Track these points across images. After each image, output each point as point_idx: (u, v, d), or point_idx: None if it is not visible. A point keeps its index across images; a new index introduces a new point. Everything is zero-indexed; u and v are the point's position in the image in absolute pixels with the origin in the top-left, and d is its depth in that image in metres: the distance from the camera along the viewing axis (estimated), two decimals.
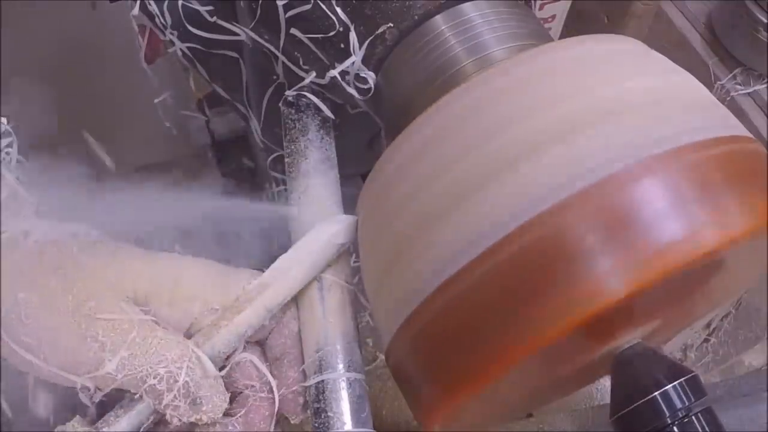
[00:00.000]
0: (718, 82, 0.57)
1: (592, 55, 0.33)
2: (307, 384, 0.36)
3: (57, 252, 0.34)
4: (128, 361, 0.32)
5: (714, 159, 0.29)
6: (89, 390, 0.34)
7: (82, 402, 0.34)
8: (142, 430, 0.34)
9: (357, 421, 0.35)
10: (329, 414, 0.35)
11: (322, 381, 0.36)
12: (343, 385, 0.36)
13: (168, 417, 0.33)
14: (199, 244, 0.39)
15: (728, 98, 0.57)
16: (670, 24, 0.62)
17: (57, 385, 0.35)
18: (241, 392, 0.37)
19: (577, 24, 0.61)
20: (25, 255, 0.33)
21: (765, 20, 0.54)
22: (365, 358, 0.39)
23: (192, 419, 0.33)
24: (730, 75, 0.57)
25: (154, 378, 0.32)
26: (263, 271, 0.37)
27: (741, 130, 0.33)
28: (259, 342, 0.38)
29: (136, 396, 0.34)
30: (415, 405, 0.34)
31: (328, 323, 0.37)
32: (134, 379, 0.32)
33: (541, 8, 0.56)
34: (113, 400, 0.35)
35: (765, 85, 0.56)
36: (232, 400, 0.37)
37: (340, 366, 0.36)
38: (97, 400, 0.34)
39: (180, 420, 0.33)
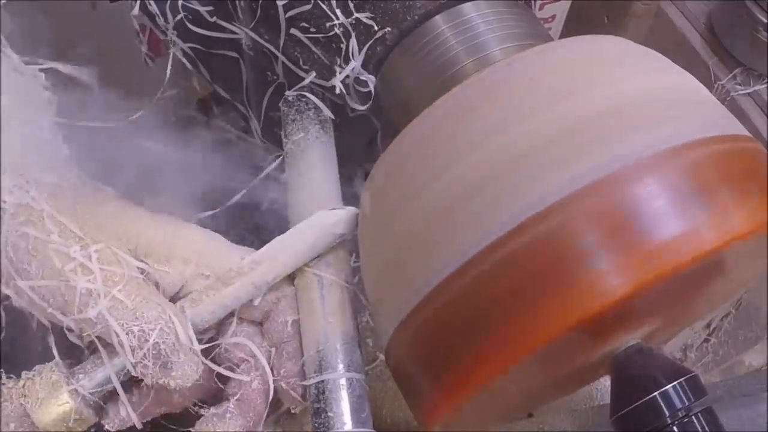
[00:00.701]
0: (718, 82, 0.57)
1: (591, 55, 0.33)
2: (307, 383, 0.36)
3: (74, 196, 0.36)
4: (108, 312, 0.33)
5: (714, 158, 0.29)
6: (74, 332, 0.35)
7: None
8: (120, 380, 0.35)
9: (357, 421, 0.35)
10: (329, 414, 0.35)
11: (322, 381, 0.36)
12: (343, 385, 0.36)
13: (139, 374, 0.34)
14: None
15: (728, 98, 0.57)
16: (670, 24, 0.62)
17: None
18: (239, 365, 0.38)
19: (577, 24, 0.61)
20: (42, 192, 0.35)
21: (765, 20, 0.54)
22: (365, 358, 0.39)
23: (160, 381, 0.34)
24: (730, 75, 0.57)
25: (127, 333, 0.33)
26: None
27: (741, 130, 0.33)
28: (255, 323, 0.39)
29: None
30: (415, 405, 0.34)
31: (328, 323, 0.37)
32: (109, 329, 0.33)
33: (541, 8, 0.56)
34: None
35: (765, 85, 0.56)
36: (226, 381, 0.38)
37: (340, 366, 0.36)
38: (86, 343, 0.36)
39: (151, 380, 0.34)
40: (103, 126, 0.40)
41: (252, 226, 0.46)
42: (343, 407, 0.35)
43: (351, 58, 0.41)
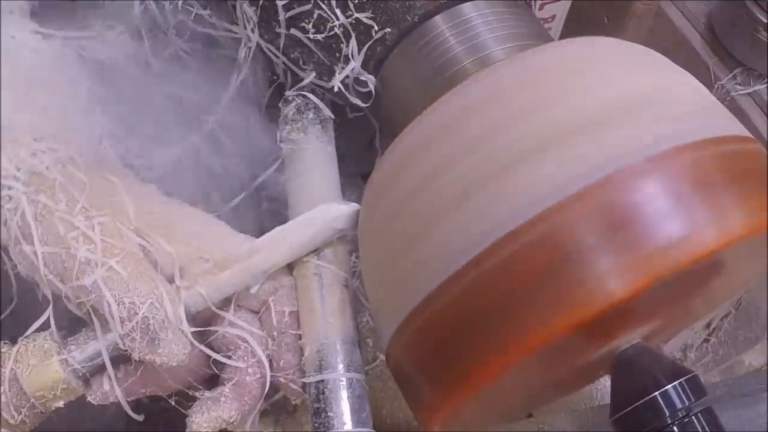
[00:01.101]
0: (718, 82, 0.57)
1: (591, 56, 0.33)
2: (306, 380, 0.37)
3: (85, 169, 0.37)
4: (102, 282, 0.33)
5: (714, 159, 0.29)
6: (71, 301, 0.35)
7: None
8: (110, 354, 0.35)
9: (357, 421, 0.35)
10: (329, 414, 0.35)
11: (322, 381, 0.36)
12: (343, 385, 0.36)
13: (126, 347, 0.34)
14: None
15: (728, 98, 0.57)
16: (670, 24, 0.62)
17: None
18: (236, 351, 0.38)
19: (577, 24, 0.61)
20: (55, 163, 0.36)
21: (765, 20, 0.54)
22: (365, 358, 0.39)
23: (146, 357, 0.34)
24: (730, 75, 0.57)
25: (118, 304, 0.33)
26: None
27: (741, 130, 0.32)
28: (253, 312, 0.39)
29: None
30: (415, 405, 0.34)
31: (328, 323, 0.37)
32: (102, 299, 0.34)
33: (541, 8, 0.56)
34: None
35: (765, 85, 0.56)
36: (223, 366, 0.38)
37: (340, 366, 0.36)
38: (84, 311, 0.35)
39: (138, 354, 0.34)
40: None
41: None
42: (343, 407, 0.35)
43: (351, 58, 0.41)
